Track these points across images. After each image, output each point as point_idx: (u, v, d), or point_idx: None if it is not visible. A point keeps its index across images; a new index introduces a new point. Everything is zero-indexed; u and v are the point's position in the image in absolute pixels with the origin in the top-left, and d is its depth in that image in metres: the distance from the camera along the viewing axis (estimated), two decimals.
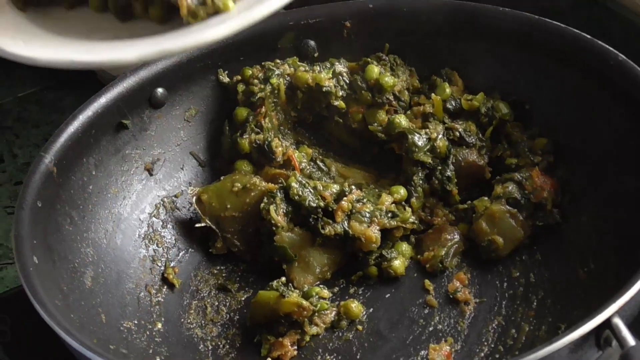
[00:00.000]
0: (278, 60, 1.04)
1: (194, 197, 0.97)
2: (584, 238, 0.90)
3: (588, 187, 0.93)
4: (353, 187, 0.96)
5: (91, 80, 1.33)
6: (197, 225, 0.98)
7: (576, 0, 1.14)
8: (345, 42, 1.06)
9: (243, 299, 0.95)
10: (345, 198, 0.94)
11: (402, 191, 0.98)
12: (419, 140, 0.99)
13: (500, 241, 0.93)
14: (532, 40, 0.99)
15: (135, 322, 0.91)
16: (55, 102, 1.39)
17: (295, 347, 0.88)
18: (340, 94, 1.02)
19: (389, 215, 0.95)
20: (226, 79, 1.06)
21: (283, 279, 0.90)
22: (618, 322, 0.69)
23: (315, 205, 0.93)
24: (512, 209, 0.94)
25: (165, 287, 0.96)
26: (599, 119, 0.94)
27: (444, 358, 0.85)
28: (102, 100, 0.98)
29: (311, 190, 0.94)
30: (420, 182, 0.99)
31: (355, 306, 0.91)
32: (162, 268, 0.97)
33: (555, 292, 0.88)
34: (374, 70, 1.02)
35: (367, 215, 0.94)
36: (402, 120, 0.99)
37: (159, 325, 0.92)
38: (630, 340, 0.68)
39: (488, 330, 0.87)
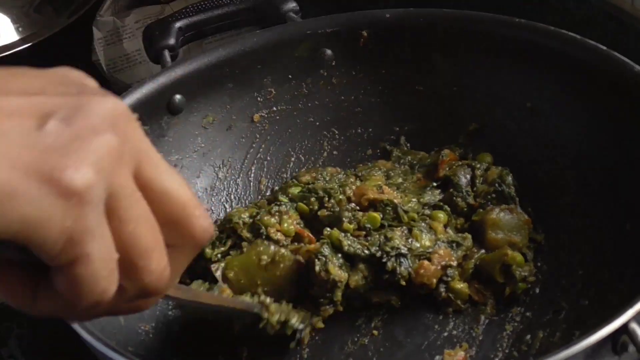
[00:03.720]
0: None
1: (219, 275, 0.90)
2: (599, 244, 0.91)
3: (602, 194, 0.94)
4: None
5: (105, 88, 1.33)
6: None
7: (591, 15, 1.14)
8: (360, 51, 1.07)
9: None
10: (430, 260, 0.89)
11: (441, 215, 0.93)
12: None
13: (516, 239, 0.92)
14: (548, 51, 0.98)
15: (153, 324, 0.91)
16: None
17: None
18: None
19: (454, 245, 0.91)
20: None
21: None
22: (635, 327, 0.69)
23: (368, 253, 0.89)
24: (503, 206, 0.94)
25: None
26: (609, 128, 0.94)
27: None
28: None
29: (355, 239, 0.90)
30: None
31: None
32: None
33: (570, 298, 0.89)
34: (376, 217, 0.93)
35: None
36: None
37: (176, 329, 0.92)
38: None
39: (502, 336, 0.88)
